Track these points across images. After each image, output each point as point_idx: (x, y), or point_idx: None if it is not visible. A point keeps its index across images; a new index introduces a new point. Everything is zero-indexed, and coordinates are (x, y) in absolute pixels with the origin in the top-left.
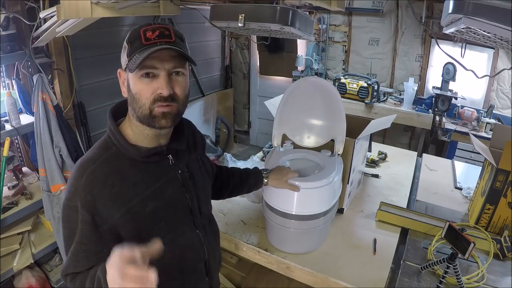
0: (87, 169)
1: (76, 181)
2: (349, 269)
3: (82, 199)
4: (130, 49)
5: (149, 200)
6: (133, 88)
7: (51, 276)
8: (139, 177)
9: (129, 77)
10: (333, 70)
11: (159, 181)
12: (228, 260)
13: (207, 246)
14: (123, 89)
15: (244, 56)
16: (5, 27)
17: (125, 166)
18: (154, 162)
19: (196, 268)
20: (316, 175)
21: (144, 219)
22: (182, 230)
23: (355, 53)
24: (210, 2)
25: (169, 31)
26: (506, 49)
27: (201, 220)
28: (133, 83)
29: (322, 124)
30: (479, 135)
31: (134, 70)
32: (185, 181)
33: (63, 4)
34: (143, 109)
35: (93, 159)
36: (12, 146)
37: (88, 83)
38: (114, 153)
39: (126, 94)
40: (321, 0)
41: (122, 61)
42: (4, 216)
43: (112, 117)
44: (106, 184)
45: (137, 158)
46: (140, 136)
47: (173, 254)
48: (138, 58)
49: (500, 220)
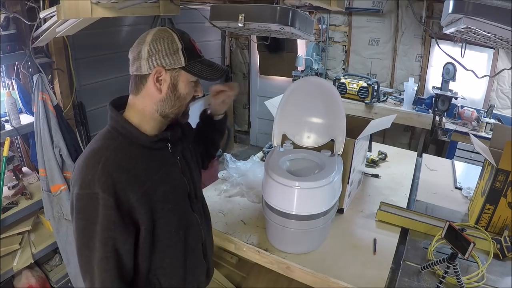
0: (102, 156)
1: (93, 169)
2: (349, 269)
3: (103, 184)
4: (187, 54)
5: (159, 183)
6: (182, 89)
7: (51, 276)
8: (148, 163)
9: (180, 79)
10: (333, 70)
11: (164, 166)
12: (228, 260)
13: (203, 228)
14: (158, 86)
15: (244, 56)
16: (5, 27)
17: (137, 152)
18: (158, 149)
19: (195, 249)
20: (316, 175)
21: (155, 201)
22: (185, 212)
23: (355, 53)
24: (210, 2)
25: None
26: (506, 49)
27: (197, 203)
28: (185, 84)
29: (322, 124)
30: (479, 135)
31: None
32: (183, 167)
33: (63, 4)
34: (184, 106)
35: (104, 147)
36: (12, 146)
37: (88, 83)
38: (122, 141)
39: (162, 92)
40: (321, 0)
41: (170, 60)
42: (4, 216)
43: (114, 109)
44: (123, 168)
45: (146, 144)
46: (146, 126)
47: (178, 234)
48: (206, 68)
49: (500, 220)
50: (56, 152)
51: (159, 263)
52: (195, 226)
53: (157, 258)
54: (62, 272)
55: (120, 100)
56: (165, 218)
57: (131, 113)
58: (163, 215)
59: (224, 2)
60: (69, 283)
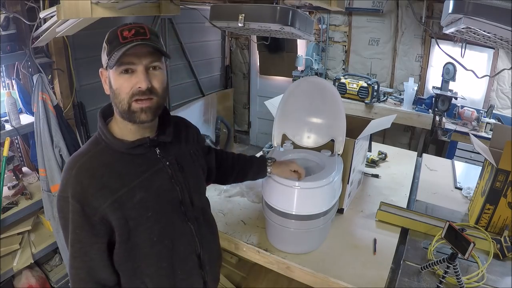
0: (77, 162)
1: (68, 174)
2: (349, 269)
3: (72, 190)
4: (109, 48)
5: (137, 190)
6: (113, 84)
7: (51, 276)
8: (126, 169)
9: (110, 75)
10: (333, 70)
11: (146, 173)
12: (228, 260)
13: (200, 238)
14: (105, 87)
15: (244, 56)
16: (5, 27)
17: (113, 159)
18: (141, 154)
19: (188, 259)
20: (316, 175)
21: (131, 208)
22: (172, 221)
23: (355, 53)
24: (210, 2)
25: (144, 29)
26: (506, 49)
27: (194, 212)
28: (114, 79)
29: (322, 124)
30: (479, 135)
31: (113, 67)
32: (175, 173)
33: (63, 4)
34: (123, 103)
35: (83, 153)
36: (12, 146)
37: (88, 83)
38: (103, 147)
39: (109, 92)
40: (321, 0)
41: (103, 60)
42: (4, 216)
43: (102, 117)
44: (95, 175)
45: (122, 150)
46: (125, 131)
47: (163, 244)
48: (116, 55)
49: (500, 220)
50: (56, 152)
51: (144, 270)
52: (188, 235)
53: (141, 265)
54: (62, 272)
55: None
56: (144, 225)
57: (114, 119)
58: (141, 222)
59: (224, 2)
60: (69, 283)
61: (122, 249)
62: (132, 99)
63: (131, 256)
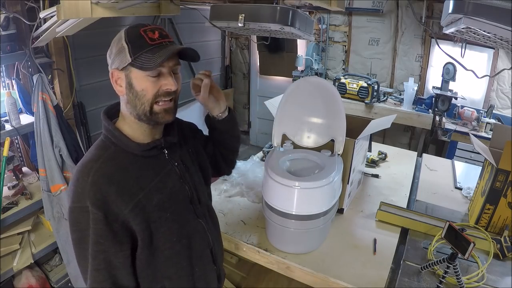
0: (91, 168)
1: (83, 182)
2: (349, 269)
3: (91, 198)
4: (133, 48)
5: (153, 192)
6: (137, 86)
7: (51, 276)
8: (141, 172)
9: (132, 76)
10: (333, 70)
11: (159, 175)
12: (228, 260)
13: (210, 233)
14: (119, 89)
15: (244, 56)
16: (5, 27)
17: (128, 163)
18: (152, 157)
19: (203, 255)
20: (316, 175)
21: (151, 211)
22: (187, 220)
23: (355, 53)
24: (210, 2)
25: (165, 32)
26: (506, 49)
27: (201, 209)
28: (138, 80)
29: (322, 124)
30: (479, 135)
31: (152, 68)
32: (182, 173)
33: (63, 4)
34: (146, 105)
35: (94, 159)
36: (12, 146)
37: (88, 83)
38: (114, 151)
39: (123, 93)
40: (321, 0)
41: (118, 60)
42: (4, 216)
43: (108, 119)
44: (113, 181)
45: (138, 152)
46: (137, 133)
47: (181, 243)
48: (152, 57)
49: (500, 220)
50: (56, 152)
51: (164, 273)
52: (201, 232)
53: (162, 268)
54: (62, 272)
55: (113, 108)
56: (164, 227)
57: (122, 121)
58: (162, 224)
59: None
60: (69, 283)
61: (145, 254)
62: (155, 100)
63: (153, 260)
